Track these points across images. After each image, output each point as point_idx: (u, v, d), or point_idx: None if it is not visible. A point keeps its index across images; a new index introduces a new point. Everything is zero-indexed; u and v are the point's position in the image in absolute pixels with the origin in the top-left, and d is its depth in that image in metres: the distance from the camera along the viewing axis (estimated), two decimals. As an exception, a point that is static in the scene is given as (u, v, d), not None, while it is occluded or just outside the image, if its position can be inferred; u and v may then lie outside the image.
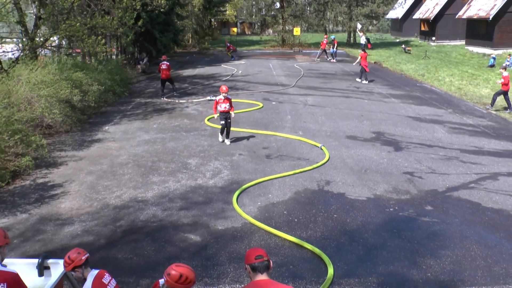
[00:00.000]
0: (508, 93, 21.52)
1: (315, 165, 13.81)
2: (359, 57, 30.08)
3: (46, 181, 12.96)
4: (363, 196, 11.75)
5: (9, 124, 14.09)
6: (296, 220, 10.53)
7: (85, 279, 5.62)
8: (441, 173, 13.31)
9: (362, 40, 45.64)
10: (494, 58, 35.04)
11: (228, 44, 46.72)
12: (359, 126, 18.57)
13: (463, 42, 49.69)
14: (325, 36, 44.75)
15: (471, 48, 46.01)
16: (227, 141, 16.06)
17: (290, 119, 19.70)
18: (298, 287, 8.05)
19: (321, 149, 15.29)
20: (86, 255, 5.73)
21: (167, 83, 24.85)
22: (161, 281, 5.40)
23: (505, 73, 21.44)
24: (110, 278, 5.78)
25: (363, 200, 11.56)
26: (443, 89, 27.13)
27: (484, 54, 41.41)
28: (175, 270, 5.05)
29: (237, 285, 8.13)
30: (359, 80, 29.71)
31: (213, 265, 8.80)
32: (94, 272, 5.67)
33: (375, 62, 39.74)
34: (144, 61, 34.63)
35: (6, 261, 7.19)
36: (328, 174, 13.22)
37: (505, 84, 21.20)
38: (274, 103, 23.02)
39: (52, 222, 10.51)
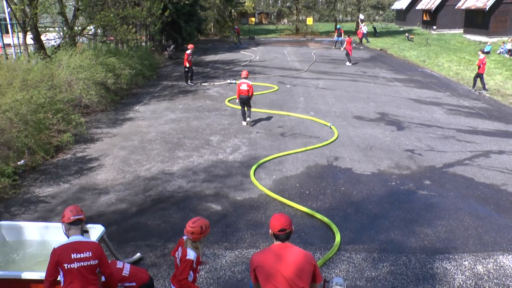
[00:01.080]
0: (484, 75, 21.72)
1: (325, 143, 13.78)
2: (345, 42, 30.41)
3: (84, 155, 13.09)
4: (368, 171, 11.72)
5: (53, 104, 14.23)
6: (307, 192, 10.55)
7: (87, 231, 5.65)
8: (439, 151, 13.21)
9: (364, 30, 44.97)
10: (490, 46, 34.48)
11: (236, 27, 46.43)
12: (365, 107, 18.44)
13: (461, 30, 48.90)
14: (360, 26, 43.74)
15: (468, 36, 45.26)
16: (249, 119, 15.95)
17: (302, 100, 19.61)
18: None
19: (331, 128, 15.24)
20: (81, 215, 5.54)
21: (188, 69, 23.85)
22: (184, 237, 5.47)
23: (481, 56, 21.27)
24: (123, 262, 5.84)
25: (368, 174, 11.53)
26: (442, 74, 26.80)
27: (480, 42, 40.71)
28: (194, 226, 5.22)
29: (254, 250, 8.18)
30: (349, 64, 30.12)
31: (232, 231, 8.86)
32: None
33: (380, 49, 39.30)
34: (171, 48, 34.57)
35: (52, 224, 7.34)
36: (337, 151, 13.18)
37: (479, 66, 21.30)
38: (288, 86, 22.92)
39: (90, 192, 10.64)
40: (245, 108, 15.84)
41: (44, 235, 7.13)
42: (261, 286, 4.57)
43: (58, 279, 5.16)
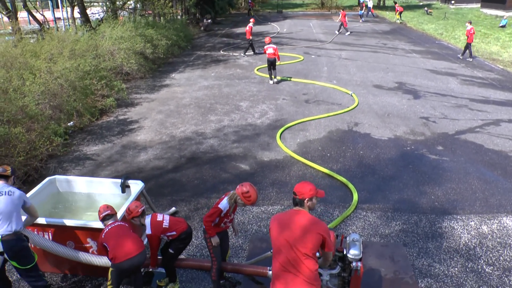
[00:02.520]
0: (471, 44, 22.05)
1: (346, 109, 13.67)
2: (341, 14, 30.71)
3: (125, 117, 13.27)
4: (385, 136, 11.62)
5: (97, 71, 14.39)
6: (328, 155, 10.54)
7: (143, 225, 5.80)
8: (452, 119, 12.99)
9: (370, 4, 43.58)
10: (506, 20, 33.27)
11: (250, 1, 45.63)
12: (385, 77, 18.13)
13: (478, 5, 47.17)
14: (396, 5, 42.29)
15: (485, 10, 43.66)
16: (275, 80, 17.00)
17: (326, 70, 19.37)
18: (328, 210, 8.15)
19: (352, 96, 15.08)
20: (143, 208, 5.85)
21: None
22: (232, 192, 5.56)
23: (469, 27, 21.53)
24: (162, 215, 5.92)
25: (385, 139, 11.44)
26: (458, 46, 26.03)
27: (496, 16, 39.24)
28: (250, 192, 5.38)
29: (278, 206, 8.27)
30: (347, 34, 30.36)
31: (258, 189, 8.94)
32: (148, 217, 5.83)
33: (400, 22, 38.28)
34: (208, 21, 34.33)
35: (96, 179, 7.53)
36: (357, 117, 13.08)
37: (467, 36, 21.63)
38: (313, 56, 22.63)
39: (131, 150, 10.83)
40: (272, 69, 16.86)
41: (89, 188, 7.35)
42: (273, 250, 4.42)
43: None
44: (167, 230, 5.72)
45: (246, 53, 22.99)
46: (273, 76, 17.01)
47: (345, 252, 5.21)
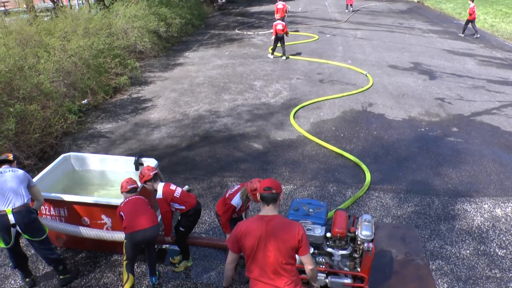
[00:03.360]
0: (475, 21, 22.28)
1: (360, 90, 13.57)
2: None
3: (139, 96, 13.32)
4: (399, 117, 11.54)
5: (111, 50, 14.41)
6: (342, 135, 10.51)
7: (156, 190, 5.86)
8: (468, 100, 12.83)
9: None
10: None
11: None
12: (400, 57, 17.92)
13: (499, -16, 46.14)
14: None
15: (506, -11, 42.72)
16: (284, 57, 17.45)
17: (341, 49, 19.18)
18: (341, 191, 8.16)
19: (366, 76, 14.95)
20: (155, 172, 5.92)
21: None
22: (244, 188, 5.59)
23: (472, 5, 21.62)
24: (176, 186, 5.98)
25: (399, 120, 11.36)
26: (477, 26, 25.54)
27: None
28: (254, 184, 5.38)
29: (291, 186, 8.30)
30: (347, 10, 30.99)
31: (271, 168, 8.98)
32: (162, 183, 5.89)
33: (418, 1, 37.62)
34: (222, 0, 34.13)
35: (109, 157, 7.60)
36: (371, 98, 12.98)
37: (470, 14, 21.77)
38: (328, 35, 22.39)
39: (144, 128, 10.90)
40: (278, 44, 17.46)
41: (103, 166, 7.43)
42: (244, 255, 4.08)
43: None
44: (176, 200, 5.78)
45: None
46: (282, 53, 17.50)
47: (356, 233, 5.23)
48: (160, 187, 5.81)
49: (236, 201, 5.55)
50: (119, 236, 6.03)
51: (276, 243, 3.89)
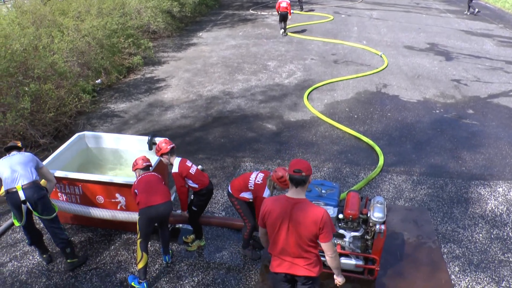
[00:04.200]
0: None
1: (375, 70, 13.45)
2: None
3: (152, 76, 13.35)
4: (414, 99, 11.45)
5: (124, 30, 14.41)
6: (355, 116, 10.47)
7: (171, 164, 5.89)
8: (485, 82, 12.66)
9: None
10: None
11: None
12: (416, 37, 17.68)
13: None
14: None
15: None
16: (283, 31, 18.02)
17: (356, 30, 18.97)
18: (353, 172, 8.16)
19: (381, 56, 14.81)
20: (172, 145, 5.94)
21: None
22: (269, 178, 5.57)
23: None
24: (191, 163, 6.00)
25: (413, 102, 11.27)
26: (497, 5, 25.08)
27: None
28: (280, 172, 5.32)
29: (304, 166, 8.31)
30: None
31: (284, 149, 9.00)
32: (178, 158, 5.91)
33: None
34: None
35: (123, 136, 7.68)
36: (386, 79, 12.87)
37: None
38: (343, 16, 22.14)
39: (158, 108, 10.95)
40: (283, 22, 17.84)
41: (118, 145, 7.51)
42: (267, 232, 4.14)
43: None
44: (191, 177, 5.82)
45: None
46: (282, 28, 17.97)
47: (368, 215, 5.24)
48: (176, 161, 5.84)
49: (267, 193, 5.52)
50: (131, 216, 6.15)
51: (298, 227, 3.91)
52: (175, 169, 5.79)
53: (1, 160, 5.67)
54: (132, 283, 5.63)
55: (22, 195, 5.38)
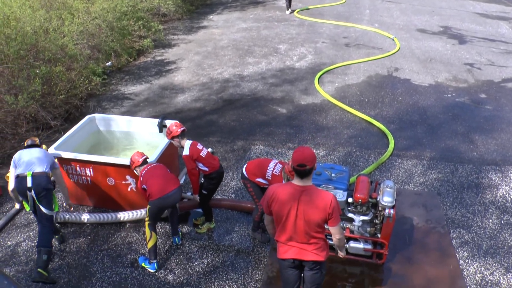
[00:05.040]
0: None
1: (386, 54, 13.34)
2: None
3: (162, 58, 13.37)
4: (426, 83, 11.36)
5: (134, 12, 14.38)
6: (366, 100, 10.43)
7: (182, 147, 5.92)
8: (499, 66, 12.52)
9: None
10: None
11: None
12: (429, 20, 17.45)
13: None
14: None
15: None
16: (288, 11, 18.44)
17: (368, 13, 18.76)
18: (363, 156, 8.16)
19: (393, 40, 14.67)
20: (182, 128, 5.97)
21: None
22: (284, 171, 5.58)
23: None
24: (202, 146, 6.04)
25: (425, 86, 11.19)
26: (514, -12, 24.67)
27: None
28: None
29: (314, 150, 8.33)
30: None
31: (295, 133, 9.01)
32: (189, 141, 5.94)
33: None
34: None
35: (134, 118, 7.73)
36: (398, 62, 12.77)
37: None
38: (355, -2, 21.92)
39: (168, 91, 10.98)
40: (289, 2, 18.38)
41: (128, 127, 7.57)
42: (274, 219, 4.16)
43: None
44: (201, 160, 5.87)
45: None
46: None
47: (378, 199, 5.27)
48: (187, 144, 5.87)
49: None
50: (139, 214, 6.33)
51: (306, 214, 3.92)
52: (186, 152, 5.82)
53: (22, 150, 5.87)
54: (143, 264, 5.74)
55: (29, 182, 5.46)
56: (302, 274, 4.37)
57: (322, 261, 4.16)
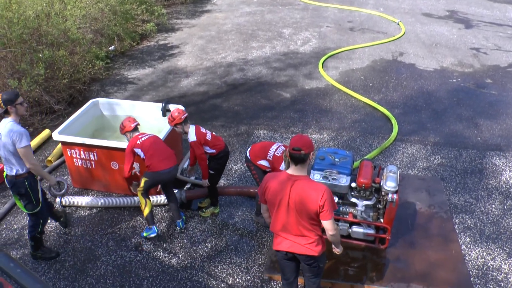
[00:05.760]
0: None
1: (391, 38, 13.27)
2: None
3: (166, 43, 13.34)
4: (430, 67, 11.32)
5: (137, -4, 14.34)
6: (371, 84, 10.41)
7: (186, 133, 5.92)
8: (506, 50, 12.43)
9: None
10: None
11: None
12: (435, 4, 17.30)
13: None
14: None
15: None
16: None
17: (373, -3, 18.66)
18: (367, 141, 8.17)
19: (398, 24, 14.57)
20: (185, 115, 5.98)
21: None
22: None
23: None
24: (205, 129, 6.06)
25: (430, 71, 11.15)
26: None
27: None
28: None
29: (318, 135, 8.35)
30: None
31: (299, 117, 9.02)
32: (193, 126, 5.95)
33: None
34: None
35: (138, 103, 7.75)
36: (403, 47, 12.71)
37: None
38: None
39: (172, 75, 10.98)
40: None
41: (131, 111, 7.59)
42: (269, 206, 4.10)
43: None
44: (208, 143, 5.90)
45: None
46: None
47: (381, 184, 5.28)
48: (192, 129, 5.89)
49: (283, 167, 5.55)
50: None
51: (298, 205, 3.85)
52: (193, 137, 5.82)
53: None
54: (145, 234, 5.93)
55: (6, 182, 5.28)
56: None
57: (317, 256, 4.06)
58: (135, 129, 5.99)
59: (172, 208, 6.12)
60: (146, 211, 5.80)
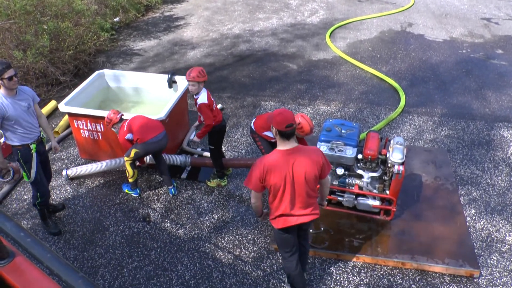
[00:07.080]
0: None
1: (400, 9, 13.09)
2: None
3: (171, 14, 13.23)
4: (440, 38, 11.18)
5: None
6: (378, 56, 10.33)
7: (197, 94, 5.81)
8: (518, 21, 12.28)
9: None
10: None
11: None
12: (446, -26, 17.00)
13: None
14: None
15: None
16: None
17: (382, -35, 18.32)
18: (374, 112, 8.16)
19: (408, -6, 14.37)
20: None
21: None
22: None
23: None
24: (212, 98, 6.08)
25: (439, 41, 11.02)
26: None
27: None
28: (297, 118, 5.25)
29: (324, 107, 8.34)
30: None
31: (306, 89, 8.99)
32: (205, 89, 5.89)
33: None
34: None
35: (143, 74, 7.75)
36: (412, 17, 12.54)
37: None
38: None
39: (178, 47, 10.93)
40: None
41: (137, 83, 7.61)
42: (270, 192, 4.09)
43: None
44: (213, 112, 5.96)
45: None
46: None
47: (387, 155, 5.30)
48: (204, 92, 5.85)
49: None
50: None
51: (303, 174, 3.91)
52: (204, 99, 5.77)
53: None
54: (126, 190, 6.34)
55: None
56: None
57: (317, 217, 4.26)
58: (121, 120, 6.06)
59: (163, 174, 6.27)
60: (132, 179, 6.13)
